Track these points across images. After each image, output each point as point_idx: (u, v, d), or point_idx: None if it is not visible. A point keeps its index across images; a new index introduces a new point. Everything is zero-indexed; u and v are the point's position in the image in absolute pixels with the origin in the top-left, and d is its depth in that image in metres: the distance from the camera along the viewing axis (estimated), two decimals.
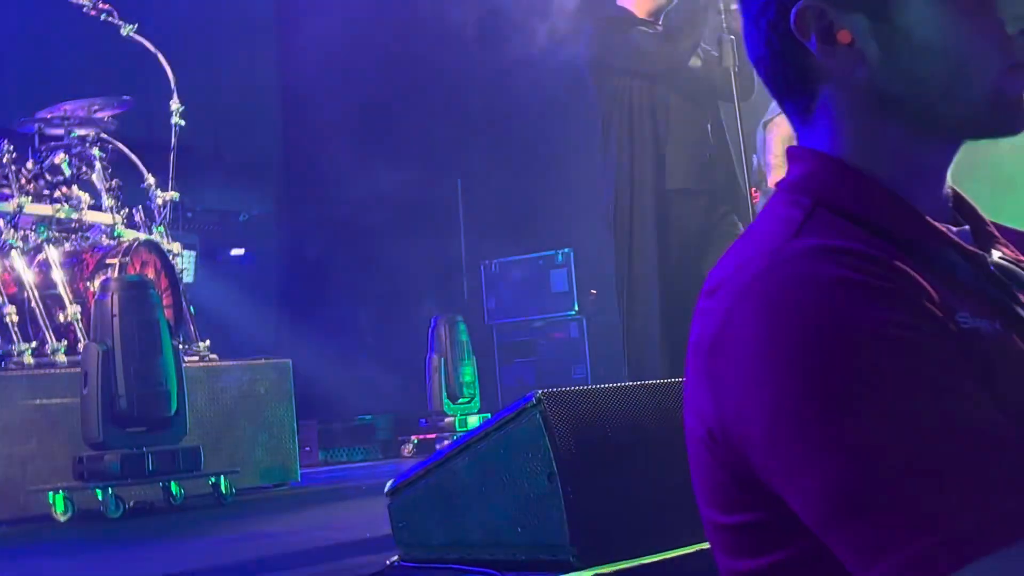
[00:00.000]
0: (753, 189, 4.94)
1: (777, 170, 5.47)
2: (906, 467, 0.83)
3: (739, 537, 1.00)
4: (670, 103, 4.51)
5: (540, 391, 2.15)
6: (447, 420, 7.77)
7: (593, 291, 8.70)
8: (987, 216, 1.11)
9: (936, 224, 1.02)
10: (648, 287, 4.46)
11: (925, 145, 1.04)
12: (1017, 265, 1.04)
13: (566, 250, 8.71)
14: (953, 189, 1.09)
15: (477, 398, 8.00)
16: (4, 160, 5.43)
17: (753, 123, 4.46)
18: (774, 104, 5.39)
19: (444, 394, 7.84)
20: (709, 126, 4.60)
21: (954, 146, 1.05)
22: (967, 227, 1.08)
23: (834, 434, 0.85)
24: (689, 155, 4.52)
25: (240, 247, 8.65)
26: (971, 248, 1.03)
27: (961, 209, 1.10)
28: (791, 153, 1.09)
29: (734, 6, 4.22)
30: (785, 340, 0.89)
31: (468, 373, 7.93)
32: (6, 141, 5.51)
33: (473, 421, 7.71)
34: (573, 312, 8.64)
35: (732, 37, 4.34)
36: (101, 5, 6.11)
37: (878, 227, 0.99)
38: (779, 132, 5.39)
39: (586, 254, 8.63)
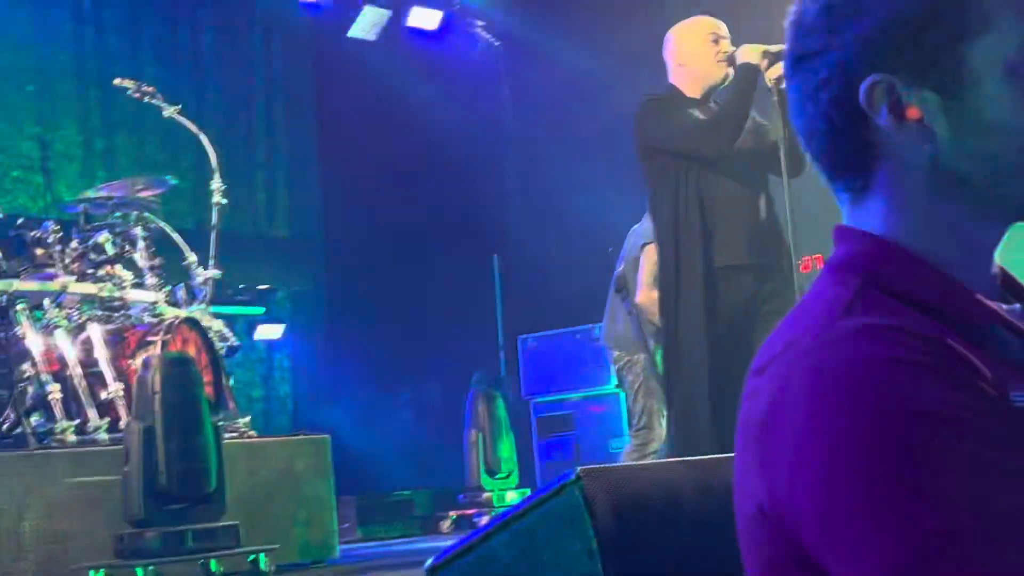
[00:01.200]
0: (803, 263, 4.91)
1: (645, 289, 5.42)
2: (960, 553, 0.83)
3: None
4: (718, 181, 4.48)
5: (580, 467, 2.14)
6: (485, 496, 7.73)
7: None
8: None
9: (987, 302, 1.01)
10: (695, 363, 4.41)
11: (981, 225, 1.04)
12: None
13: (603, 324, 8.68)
14: (1001, 268, 1.09)
15: (515, 473, 7.96)
16: (50, 240, 5.53)
17: (803, 195, 4.45)
18: (648, 226, 5.15)
19: (482, 469, 7.81)
20: (761, 199, 4.56)
21: (1007, 226, 1.05)
22: (1017, 305, 1.07)
23: (887, 516, 0.85)
24: (738, 231, 4.47)
25: (279, 324, 8.71)
26: (1022, 326, 1.02)
27: (1010, 287, 1.10)
28: (839, 232, 1.08)
29: (784, 80, 4.17)
30: (836, 419, 0.89)
31: (506, 448, 7.91)
32: (52, 222, 5.61)
33: (512, 496, 7.66)
34: (611, 386, 8.60)
35: (781, 111, 4.33)
36: (145, 88, 6.23)
37: (928, 306, 0.98)
38: (649, 258, 5.30)
39: None
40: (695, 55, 4.58)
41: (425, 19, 9.42)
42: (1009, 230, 1.06)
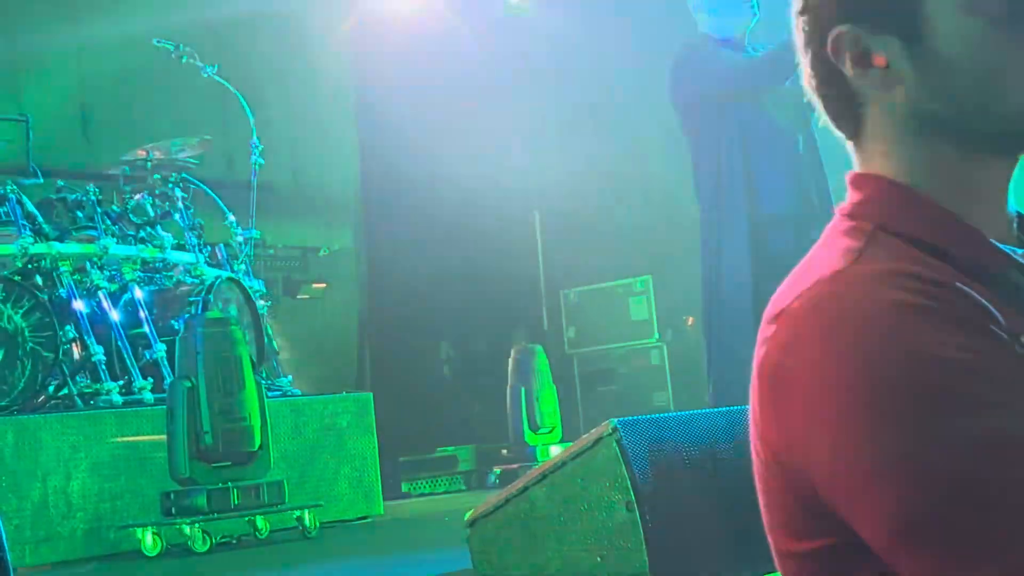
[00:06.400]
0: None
1: None
2: (970, 494, 0.82)
3: (807, 564, 0.99)
4: (759, 125, 4.47)
5: (616, 419, 2.14)
6: (529, 450, 7.75)
7: (690, 319, 8.63)
8: None
9: (999, 246, 1.00)
10: (740, 313, 4.39)
11: (976, 163, 1.03)
12: None
13: (645, 277, 8.66)
14: (1018, 212, 1.07)
15: (559, 427, 7.97)
16: (90, 203, 5.56)
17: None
18: None
19: (525, 424, 7.83)
20: (800, 142, 4.54)
21: (1008, 163, 1.04)
22: None
23: (897, 459, 0.85)
24: (779, 178, 4.47)
25: (322, 282, 8.74)
26: None
27: None
28: (850, 179, 1.09)
29: None
30: (847, 365, 0.88)
31: (549, 402, 7.91)
32: (92, 185, 5.64)
33: (555, 451, 7.67)
34: (653, 339, 8.59)
35: None
36: (183, 48, 6.24)
37: (939, 249, 0.98)
38: None
39: (665, 281, 8.58)
40: (723, 1, 4.59)
41: None
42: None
